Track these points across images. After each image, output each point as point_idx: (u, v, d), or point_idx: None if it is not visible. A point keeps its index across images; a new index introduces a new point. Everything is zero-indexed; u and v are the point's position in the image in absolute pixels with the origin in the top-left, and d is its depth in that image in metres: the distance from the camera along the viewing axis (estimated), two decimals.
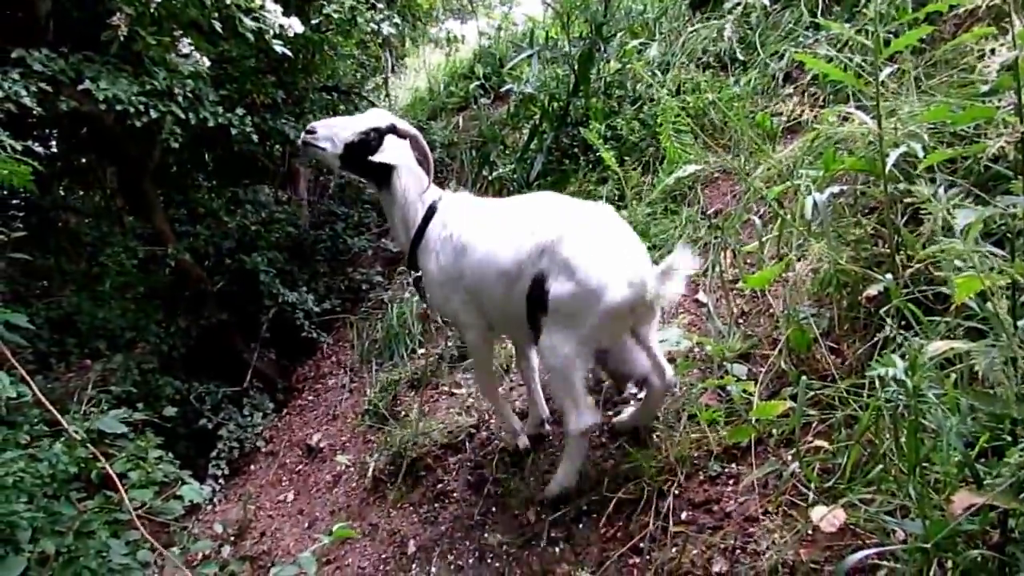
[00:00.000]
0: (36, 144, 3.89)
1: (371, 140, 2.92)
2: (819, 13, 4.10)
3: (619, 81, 4.86)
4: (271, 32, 3.67)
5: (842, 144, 2.81)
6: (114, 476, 2.53)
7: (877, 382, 1.67)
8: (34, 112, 3.76)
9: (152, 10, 3.56)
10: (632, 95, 4.79)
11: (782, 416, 2.21)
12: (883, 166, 2.05)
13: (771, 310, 3.00)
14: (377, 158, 2.90)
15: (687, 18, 5.16)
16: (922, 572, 1.46)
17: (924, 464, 1.52)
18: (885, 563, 1.65)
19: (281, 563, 3.55)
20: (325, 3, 4.30)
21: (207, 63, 3.86)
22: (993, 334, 1.48)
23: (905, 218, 2.40)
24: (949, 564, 1.43)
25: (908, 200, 2.40)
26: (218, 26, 3.79)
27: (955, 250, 1.48)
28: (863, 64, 2.20)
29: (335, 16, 4.40)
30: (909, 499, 1.49)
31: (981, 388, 1.62)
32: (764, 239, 2.79)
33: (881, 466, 1.72)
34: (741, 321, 3.11)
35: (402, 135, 2.99)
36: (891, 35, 2.30)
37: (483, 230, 2.81)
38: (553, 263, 2.52)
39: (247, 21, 3.65)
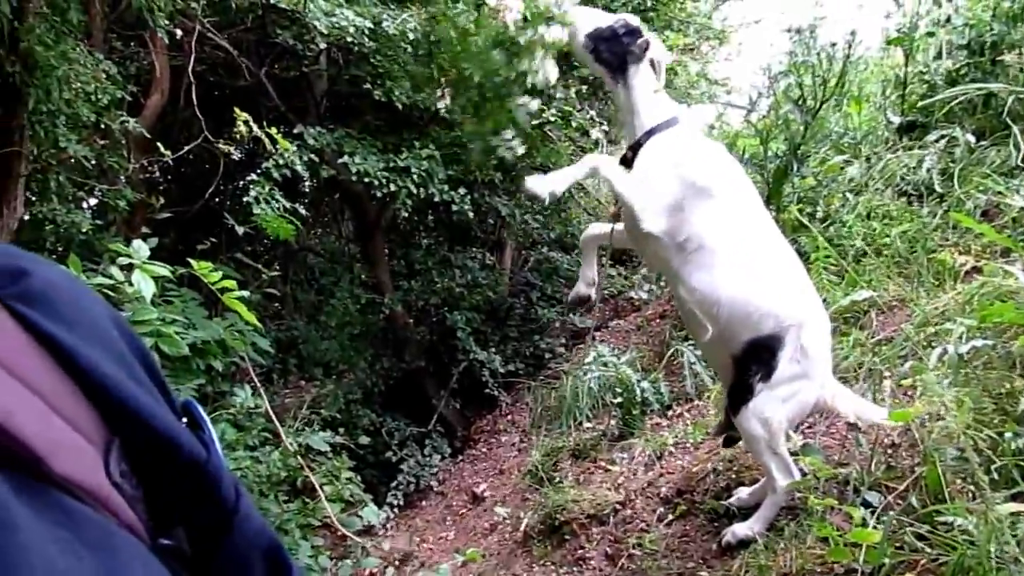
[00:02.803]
0: (299, 205, 4.72)
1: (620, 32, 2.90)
2: None
3: (811, 198, 5.03)
4: None
5: (1007, 296, 2.89)
6: (317, 486, 3.06)
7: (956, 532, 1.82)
8: (303, 178, 4.63)
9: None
10: (824, 213, 4.94)
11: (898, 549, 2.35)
12: None
13: (919, 446, 3.07)
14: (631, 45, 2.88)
15: (891, 143, 5.24)
16: None
17: None
18: None
19: None
20: (547, 107, 4.90)
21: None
22: None
23: None
24: None
25: None
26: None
27: None
28: None
29: (551, 119, 5.00)
30: None
31: None
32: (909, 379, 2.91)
33: None
34: (890, 452, 3.20)
35: None
36: None
37: (725, 218, 2.76)
38: (791, 340, 2.72)
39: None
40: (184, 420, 0.51)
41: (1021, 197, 3.01)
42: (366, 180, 4.78)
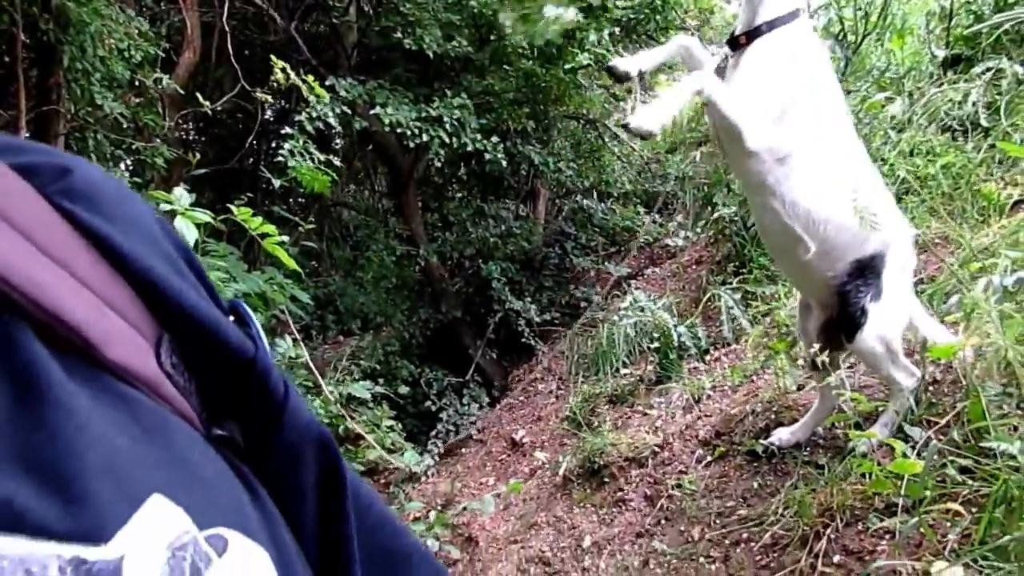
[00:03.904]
0: (333, 157, 4.74)
1: None
2: None
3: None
4: None
5: None
6: (362, 432, 3.12)
7: (998, 457, 1.81)
8: (335, 130, 4.63)
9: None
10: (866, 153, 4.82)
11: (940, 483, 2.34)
12: None
13: (961, 382, 3.04)
14: None
15: (935, 77, 5.07)
16: None
17: None
18: None
19: (477, 533, 4.11)
20: (578, 51, 4.83)
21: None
22: None
23: None
24: None
25: None
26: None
27: None
28: None
29: (584, 62, 4.92)
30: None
31: None
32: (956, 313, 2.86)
33: (1009, 536, 1.85)
34: (931, 388, 3.17)
35: None
36: None
37: (830, 129, 2.60)
38: (892, 257, 2.63)
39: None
40: (231, 319, 0.51)
41: None
42: (398, 131, 4.78)
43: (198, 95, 4.01)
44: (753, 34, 2.55)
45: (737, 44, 2.59)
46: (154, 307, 0.43)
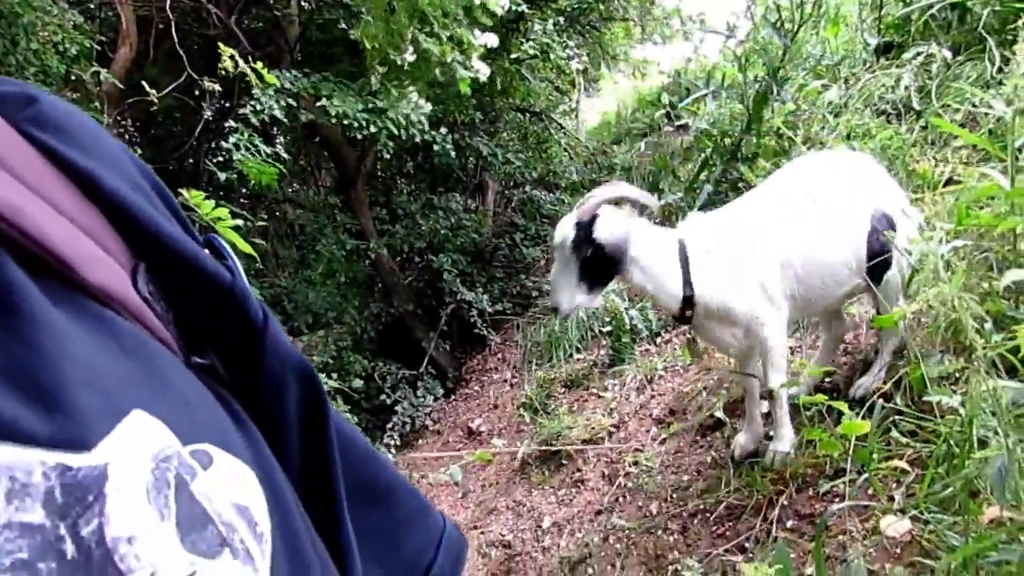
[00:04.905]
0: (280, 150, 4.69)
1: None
2: (1005, 68, 4.13)
3: (792, 122, 5.06)
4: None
5: (986, 203, 2.95)
6: None
7: (935, 410, 1.90)
8: (282, 123, 4.58)
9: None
10: (804, 137, 4.97)
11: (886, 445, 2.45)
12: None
13: (905, 350, 3.17)
14: None
15: (869, 64, 5.25)
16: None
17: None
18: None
19: None
20: (524, 40, 4.87)
21: (428, 108, 4.51)
22: None
23: None
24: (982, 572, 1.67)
25: None
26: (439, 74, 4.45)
27: None
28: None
29: (530, 52, 4.97)
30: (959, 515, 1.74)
31: None
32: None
33: (951, 488, 1.95)
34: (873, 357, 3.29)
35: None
36: None
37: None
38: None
39: (462, 71, 4.27)
40: (207, 252, 0.50)
41: (1001, 102, 3.04)
42: (345, 122, 4.74)
43: (143, 83, 3.91)
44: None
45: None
46: (129, 236, 0.43)
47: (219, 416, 0.43)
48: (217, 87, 4.05)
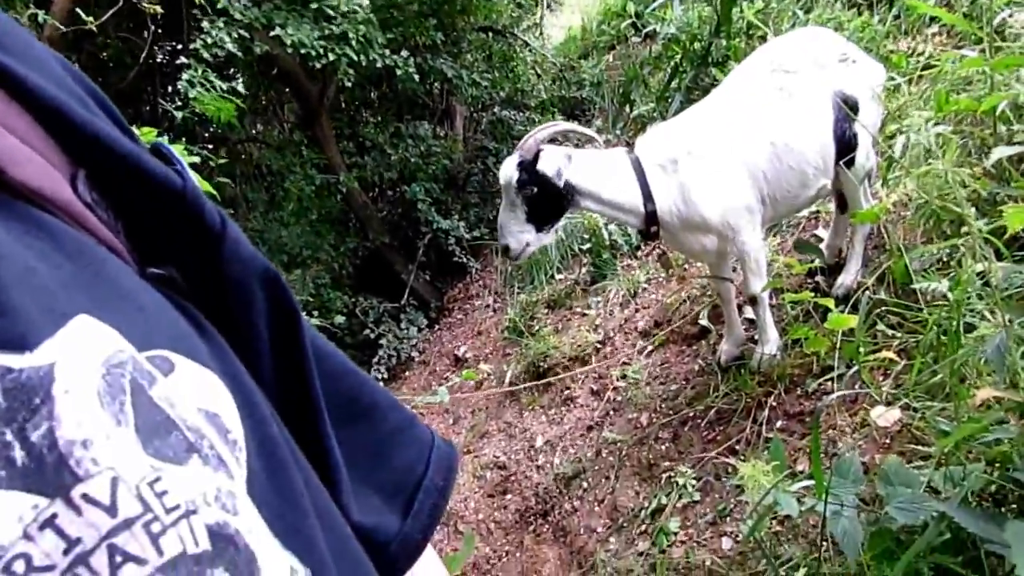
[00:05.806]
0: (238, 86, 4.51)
1: None
2: None
3: (762, 21, 4.92)
4: None
5: (963, 88, 2.90)
6: None
7: (919, 297, 1.89)
8: (236, 56, 4.39)
9: None
10: (775, 33, 4.85)
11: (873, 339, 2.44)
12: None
13: (886, 244, 3.15)
14: None
15: None
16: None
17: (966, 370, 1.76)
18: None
19: None
20: None
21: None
22: None
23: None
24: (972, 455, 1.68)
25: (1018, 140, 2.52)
26: None
27: None
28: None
29: None
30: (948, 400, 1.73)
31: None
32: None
33: (940, 375, 1.95)
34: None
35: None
36: None
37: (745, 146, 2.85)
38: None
39: None
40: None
41: None
42: (302, 51, 4.55)
43: (79, 11, 3.70)
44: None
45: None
46: (66, 142, 0.39)
47: (179, 324, 0.40)
48: (159, 8, 3.84)
